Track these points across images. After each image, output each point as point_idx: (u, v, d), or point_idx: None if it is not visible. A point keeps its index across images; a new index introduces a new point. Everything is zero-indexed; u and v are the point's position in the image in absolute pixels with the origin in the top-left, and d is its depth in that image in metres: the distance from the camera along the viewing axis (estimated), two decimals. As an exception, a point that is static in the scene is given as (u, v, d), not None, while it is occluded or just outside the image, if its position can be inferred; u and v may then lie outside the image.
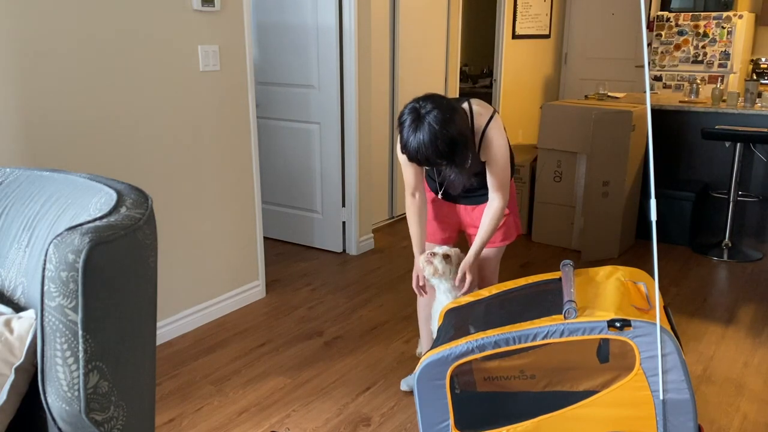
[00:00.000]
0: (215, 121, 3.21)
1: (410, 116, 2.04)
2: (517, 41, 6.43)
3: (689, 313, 3.43)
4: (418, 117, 2.02)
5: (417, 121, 2.02)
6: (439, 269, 2.35)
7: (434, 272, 2.35)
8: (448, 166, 2.15)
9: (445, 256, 2.36)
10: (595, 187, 4.14)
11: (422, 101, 2.06)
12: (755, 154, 4.52)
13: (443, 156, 2.04)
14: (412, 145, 2.04)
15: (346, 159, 4.18)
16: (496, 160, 2.27)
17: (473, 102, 2.28)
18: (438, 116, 2.00)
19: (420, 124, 2.02)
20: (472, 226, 2.51)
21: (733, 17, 6.07)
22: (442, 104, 2.04)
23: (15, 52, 2.40)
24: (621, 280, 1.95)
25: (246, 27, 3.28)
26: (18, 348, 1.34)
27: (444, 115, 2.01)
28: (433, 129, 2.00)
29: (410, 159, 2.09)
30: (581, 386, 2.01)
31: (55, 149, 2.58)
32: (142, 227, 1.35)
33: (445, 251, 2.38)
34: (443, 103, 2.05)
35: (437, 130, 2.00)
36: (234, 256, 3.46)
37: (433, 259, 2.36)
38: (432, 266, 2.35)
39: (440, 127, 2.00)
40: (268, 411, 2.56)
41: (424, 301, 2.69)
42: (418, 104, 2.05)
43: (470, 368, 2.10)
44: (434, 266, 2.35)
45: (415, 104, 2.06)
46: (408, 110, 2.06)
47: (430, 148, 2.01)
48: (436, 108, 2.02)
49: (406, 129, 2.04)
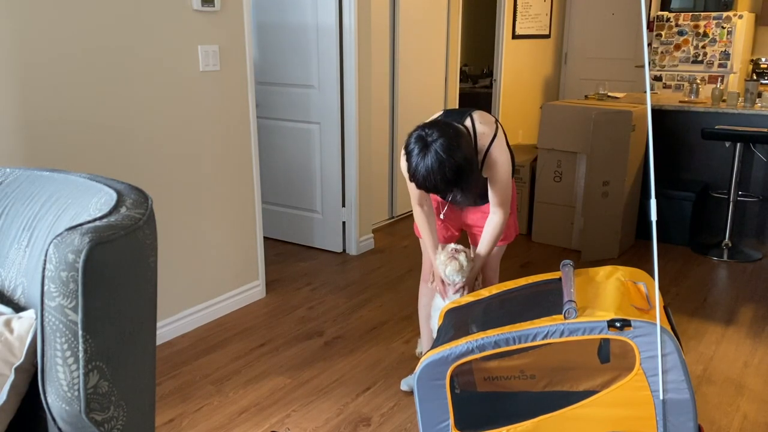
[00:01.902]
0: (215, 121, 3.21)
1: (417, 145, 2.06)
2: (517, 41, 6.43)
3: (689, 313, 3.43)
4: (425, 145, 2.04)
5: (424, 149, 2.04)
6: (464, 265, 2.35)
7: (459, 268, 2.35)
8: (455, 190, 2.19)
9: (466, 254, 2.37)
10: (595, 187, 4.14)
11: (428, 129, 2.07)
12: (755, 154, 4.52)
13: (450, 183, 2.06)
14: (420, 173, 2.05)
15: (346, 159, 4.18)
16: (499, 178, 2.29)
17: (476, 118, 2.28)
18: (444, 144, 2.02)
19: (427, 152, 2.03)
20: (476, 226, 2.53)
21: (733, 17, 6.07)
22: (447, 132, 2.06)
23: (15, 52, 2.40)
24: (621, 280, 1.95)
25: (246, 27, 3.28)
26: (18, 348, 1.34)
27: (450, 143, 2.03)
28: (440, 157, 2.02)
29: (418, 187, 2.11)
30: (581, 386, 2.01)
31: (55, 149, 2.58)
32: (142, 227, 1.35)
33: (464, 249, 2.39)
34: (449, 131, 2.06)
35: (444, 159, 2.01)
36: (234, 256, 3.46)
37: (458, 255, 2.35)
38: (457, 262, 2.34)
39: (447, 155, 2.02)
40: (268, 411, 2.56)
41: (425, 301, 2.70)
42: (424, 132, 2.06)
43: (470, 368, 2.10)
44: (459, 262, 2.34)
45: (421, 132, 2.07)
46: (414, 139, 2.08)
47: (437, 175, 2.03)
48: (442, 136, 2.03)
49: (414, 158, 2.06)
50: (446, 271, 2.36)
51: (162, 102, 2.93)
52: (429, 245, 2.48)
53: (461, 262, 2.34)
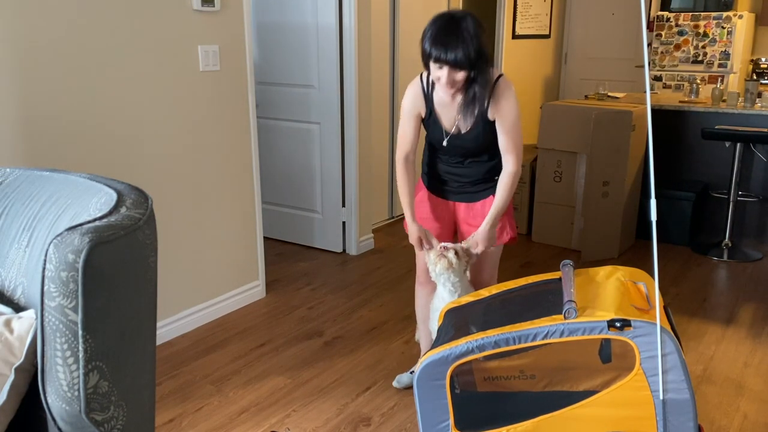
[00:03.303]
0: (215, 121, 3.21)
1: (443, 18, 2.14)
2: (517, 41, 6.43)
3: (689, 313, 3.43)
4: (453, 18, 2.12)
5: (452, 21, 2.12)
6: (454, 263, 2.34)
7: (448, 266, 2.33)
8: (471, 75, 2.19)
9: (456, 252, 2.35)
10: (595, 187, 4.14)
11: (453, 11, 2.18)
12: (755, 154, 4.52)
13: (472, 56, 2.11)
14: (445, 41, 2.10)
15: (346, 159, 4.18)
16: (507, 114, 2.28)
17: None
18: (473, 21, 2.12)
19: (455, 24, 2.11)
20: (467, 224, 2.51)
21: (733, 17, 6.07)
22: (474, 16, 2.15)
23: (15, 52, 2.40)
24: (621, 280, 1.95)
25: (246, 27, 3.28)
26: (18, 348, 1.34)
27: (477, 22, 2.13)
28: (468, 28, 2.10)
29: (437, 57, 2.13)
30: (581, 386, 2.01)
31: (55, 149, 2.58)
32: (142, 227, 1.35)
33: (453, 246, 2.37)
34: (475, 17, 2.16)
35: (472, 32, 2.10)
36: (234, 256, 3.46)
37: (447, 253, 2.34)
38: (446, 260, 2.33)
39: (474, 29, 2.11)
40: (268, 411, 2.56)
41: (422, 302, 2.69)
42: (450, 11, 2.17)
43: (470, 368, 2.10)
44: (448, 259, 2.33)
45: (445, 12, 2.17)
46: (439, 15, 2.17)
47: (464, 39, 2.09)
48: (469, 15, 2.13)
49: (438, 21, 2.14)
50: (436, 269, 2.36)
51: (162, 102, 2.93)
52: (406, 203, 2.45)
53: (450, 259, 2.33)
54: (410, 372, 2.79)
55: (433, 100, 2.36)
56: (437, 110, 2.36)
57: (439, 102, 2.35)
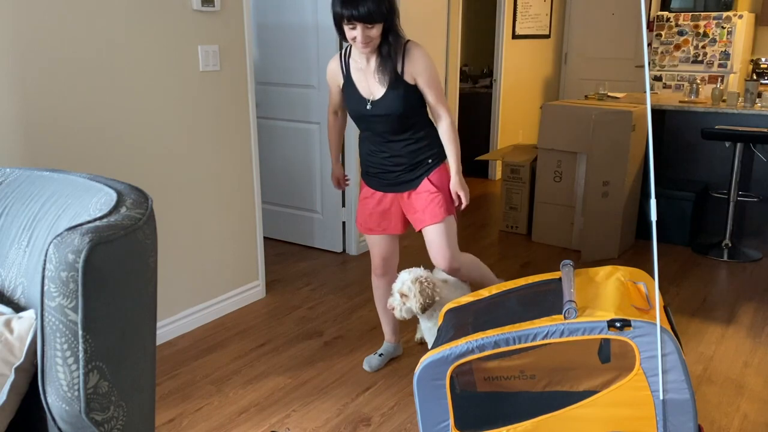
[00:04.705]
0: (215, 121, 3.21)
1: None
2: (517, 41, 6.43)
3: (689, 313, 3.43)
4: None
5: None
6: (403, 310, 2.41)
7: (400, 312, 2.42)
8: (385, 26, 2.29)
9: (402, 294, 2.40)
10: (595, 187, 4.14)
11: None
12: (755, 154, 4.52)
13: (383, 8, 2.22)
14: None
15: (346, 159, 4.18)
16: (423, 69, 2.40)
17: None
18: None
19: None
20: (413, 211, 2.57)
21: (733, 17, 6.07)
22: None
23: (15, 53, 2.40)
24: (621, 280, 1.95)
25: (246, 27, 3.28)
26: (18, 348, 1.34)
27: None
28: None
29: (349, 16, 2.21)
30: (581, 386, 2.01)
31: (55, 149, 2.58)
32: (142, 227, 1.35)
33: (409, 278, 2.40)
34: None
35: None
36: (234, 256, 3.46)
37: (393, 303, 2.43)
38: (397, 310, 2.43)
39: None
40: (268, 411, 2.56)
41: (379, 293, 2.82)
42: None
43: (470, 368, 2.10)
44: (397, 309, 2.43)
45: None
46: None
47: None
48: None
49: None
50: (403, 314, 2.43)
51: (162, 102, 2.93)
52: (333, 148, 2.81)
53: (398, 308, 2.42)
54: (378, 354, 2.89)
55: (350, 67, 2.47)
56: (354, 77, 2.47)
57: (356, 68, 2.45)
